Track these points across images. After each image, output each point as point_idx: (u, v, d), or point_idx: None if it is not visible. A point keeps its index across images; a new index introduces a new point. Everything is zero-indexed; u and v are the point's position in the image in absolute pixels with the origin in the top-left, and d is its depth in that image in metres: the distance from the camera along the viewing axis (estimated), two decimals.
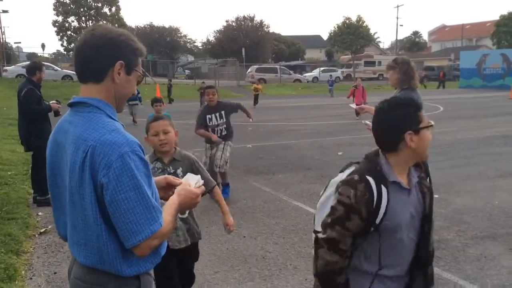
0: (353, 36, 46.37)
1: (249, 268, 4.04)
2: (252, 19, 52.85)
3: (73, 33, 45.19)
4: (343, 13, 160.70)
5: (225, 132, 6.02)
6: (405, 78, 4.11)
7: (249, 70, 40.96)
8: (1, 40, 43.24)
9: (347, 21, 47.64)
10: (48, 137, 1.68)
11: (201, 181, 1.83)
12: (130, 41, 1.58)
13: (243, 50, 42.21)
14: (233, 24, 53.14)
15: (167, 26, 57.95)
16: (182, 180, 1.82)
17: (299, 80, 42.74)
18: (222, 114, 5.93)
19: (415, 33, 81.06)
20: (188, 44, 61.38)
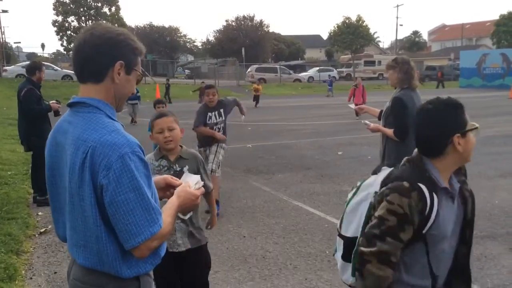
0: (353, 36, 46.33)
1: (249, 268, 4.04)
2: (252, 18, 52.84)
3: (73, 33, 45.11)
4: (343, 12, 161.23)
5: (222, 132, 5.79)
6: (405, 77, 4.11)
7: (249, 70, 40.95)
8: (1, 40, 43.25)
9: (347, 21, 47.60)
10: (48, 137, 1.67)
11: (201, 182, 1.82)
12: (130, 40, 1.57)
13: (243, 50, 42.18)
14: (233, 23, 53.11)
15: (166, 25, 57.99)
16: (181, 181, 1.82)
17: (299, 80, 42.75)
18: (221, 112, 5.75)
19: (415, 32, 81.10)
20: (188, 44, 61.37)
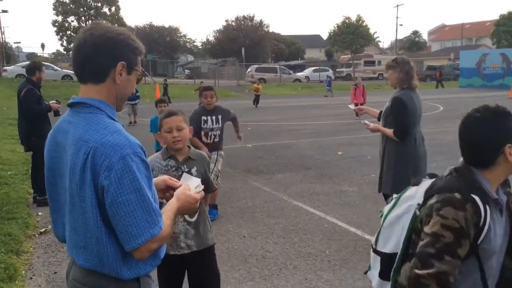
0: (352, 36, 46.31)
1: (249, 268, 4.04)
2: (251, 18, 52.87)
3: (72, 33, 45.11)
4: (342, 12, 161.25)
5: (218, 139, 5.43)
6: (406, 77, 4.12)
7: (248, 70, 40.96)
8: (1, 40, 43.25)
9: (347, 21, 47.57)
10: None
11: (201, 186, 1.81)
12: (130, 40, 1.56)
13: (242, 50, 42.19)
14: (233, 23, 53.13)
15: (166, 25, 58.01)
16: (181, 183, 1.82)
17: (298, 80, 42.78)
18: (218, 118, 5.39)
19: (415, 32, 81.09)
20: (187, 44, 61.40)
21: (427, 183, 1.69)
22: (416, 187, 1.72)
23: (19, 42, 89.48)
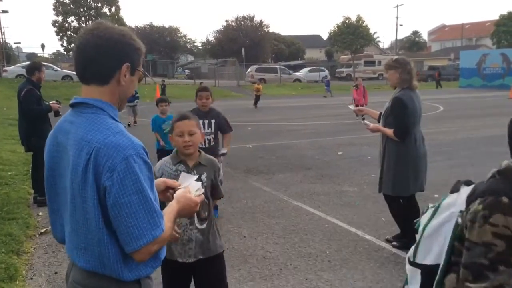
0: (352, 36, 46.31)
1: (249, 268, 4.04)
2: (251, 19, 52.91)
3: (73, 33, 45.19)
4: (342, 12, 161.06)
5: (213, 142, 5.19)
6: (407, 78, 4.12)
7: (249, 70, 40.95)
8: (1, 40, 43.24)
9: (347, 21, 47.56)
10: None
11: (201, 189, 1.80)
12: (132, 40, 1.55)
13: (243, 50, 42.20)
14: (233, 24, 53.17)
15: (167, 26, 58.14)
16: (179, 182, 1.82)
17: (298, 80, 42.77)
18: (211, 122, 5.12)
19: (415, 32, 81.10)
20: (188, 44, 61.48)
21: (467, 189, 1.62)
22: (457, 194, 1.65)
23: (19, 43, 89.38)
